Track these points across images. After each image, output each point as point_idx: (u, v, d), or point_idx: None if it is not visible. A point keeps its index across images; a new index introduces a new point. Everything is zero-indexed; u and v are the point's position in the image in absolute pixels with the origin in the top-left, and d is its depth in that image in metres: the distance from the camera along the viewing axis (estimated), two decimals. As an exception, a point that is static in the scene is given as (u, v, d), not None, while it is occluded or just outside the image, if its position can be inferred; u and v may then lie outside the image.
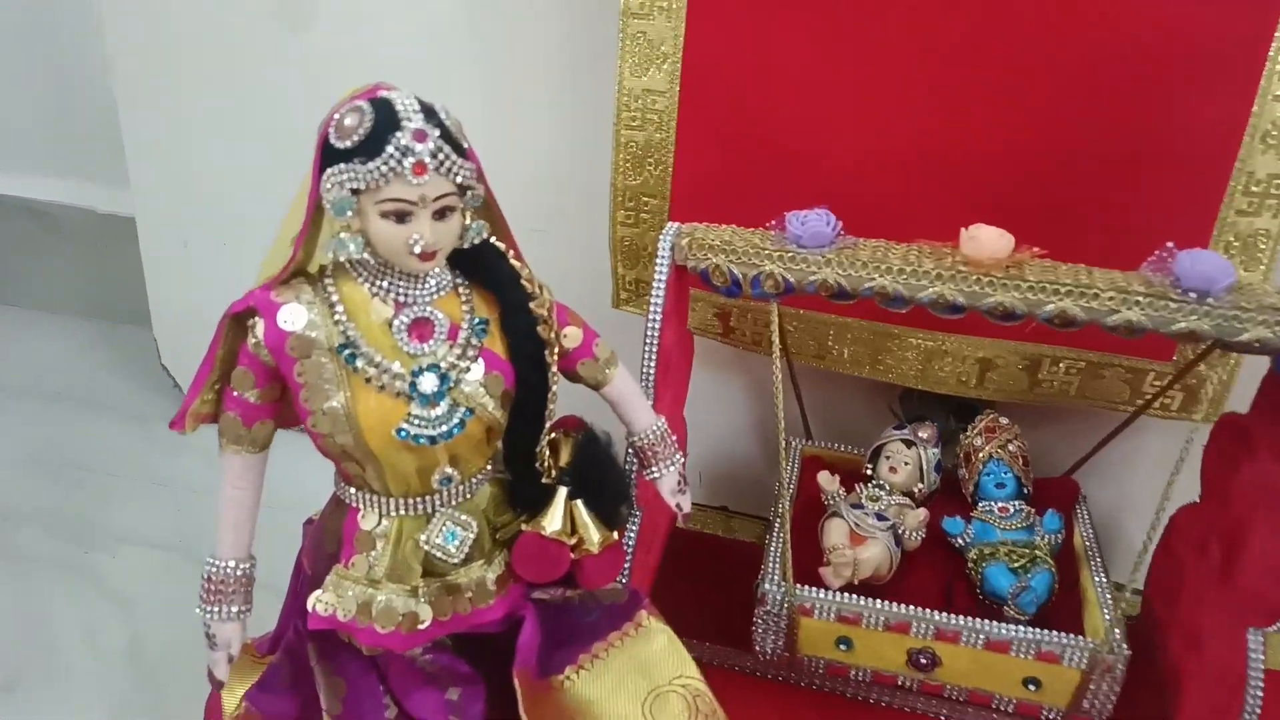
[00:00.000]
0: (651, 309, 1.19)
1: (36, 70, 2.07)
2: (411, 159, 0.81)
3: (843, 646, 1.22)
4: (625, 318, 1.45)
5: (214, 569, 0.94)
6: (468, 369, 0.90)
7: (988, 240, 1.09)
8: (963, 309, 1.10)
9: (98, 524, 1.69)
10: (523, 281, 0.94)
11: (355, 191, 0.83)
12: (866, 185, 1.25)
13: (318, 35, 1.60)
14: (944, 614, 1.18)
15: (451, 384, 0.89)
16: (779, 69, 1.24)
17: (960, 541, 1.31)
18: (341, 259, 0.85)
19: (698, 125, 1.30)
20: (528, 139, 1.53)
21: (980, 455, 1.36)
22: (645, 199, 1.37)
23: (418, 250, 0.84)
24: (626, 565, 1.15)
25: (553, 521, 0.98)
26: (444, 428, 0.89)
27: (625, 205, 1.38)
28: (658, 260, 1.18)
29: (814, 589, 1.22)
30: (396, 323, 0.89)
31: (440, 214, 0.85)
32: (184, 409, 0.92)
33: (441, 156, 0.83)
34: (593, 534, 0.99)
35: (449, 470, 0.92)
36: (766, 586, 1.23)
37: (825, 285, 1.12)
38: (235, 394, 0.90)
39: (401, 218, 0.84)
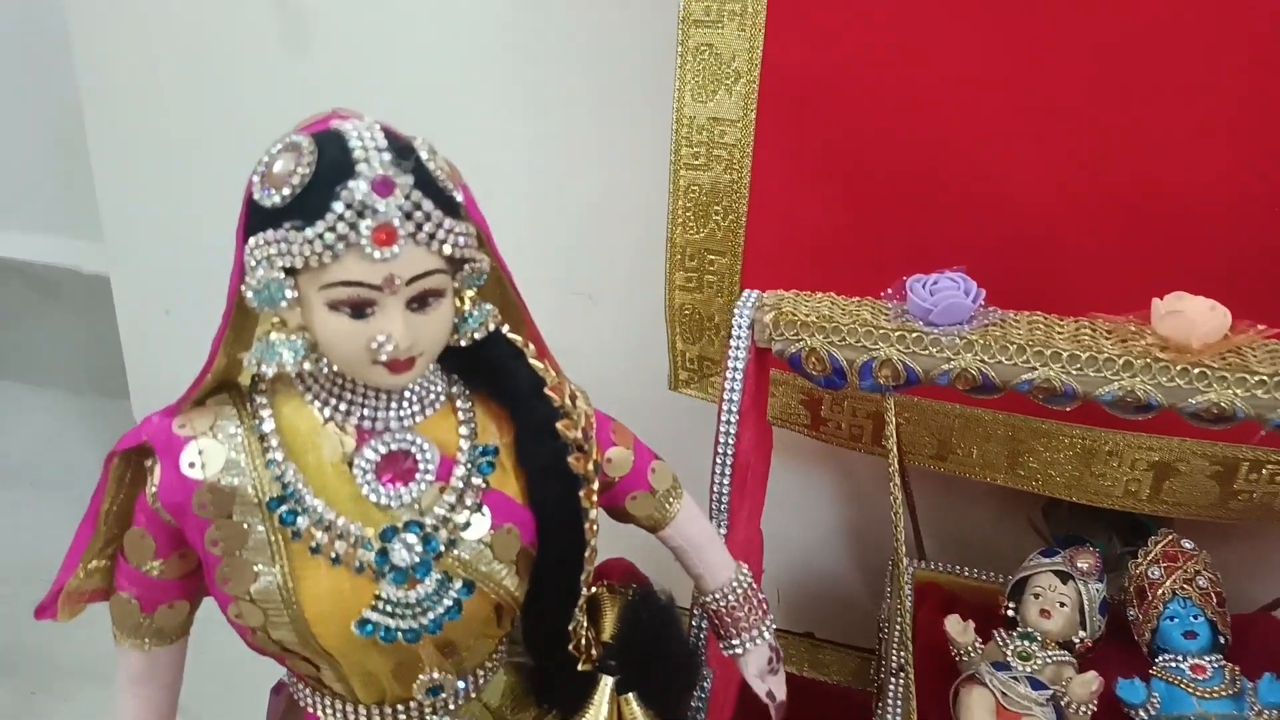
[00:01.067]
0: (725, 406, 0.89)
1: (8, 113, 1.87)
2: (370, 222, 0.53)
3: None
4: (685, 403, 1.20)
5: None
6: (466, 524, 0.61)
7: (1195, 315, 0.79)
8: (1156, 408, 0.78)
9: (53, 654, 1.43)
10: (546, 391, 0.65)
11: (290, 271, 0.55)
12: (1018, 239, 0.94)
13: (319, 64, 1.36)
14: None
15: (440, 549, 0.60)
16: (893, 83, 0.94)
17: (1142, 715, 0.98)
18: (269, 374, 0.56)
19: (779, 161, 1.02)
20: (567, 185, 1.31)
21: (1160, 592, 1.03)
22: (711, 257, 1.08)
23: (384, 358, 0.56)
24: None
25: (594, 728, 0.68)
26: (430, 616, 0.60)
27: (686, 265, 1.10)
28: (732, 342, 0.89)
29: (951, 788, 0.90)
30: (360, 461, 0.60)
31: (419, 302, 0.56)
32: (55, 588, 0.64)
33: (419, 218, 0.54)
34: (651, 745, 0.69)
35: (437, 676, 0.63)
36: (885, 783, 0.91)
37: (964, 377, 0.82)
38: (129, 566, 0.62)
39: (359, 310, 0.55)
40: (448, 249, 0.56)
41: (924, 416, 1.09)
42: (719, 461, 0.91)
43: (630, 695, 0.71)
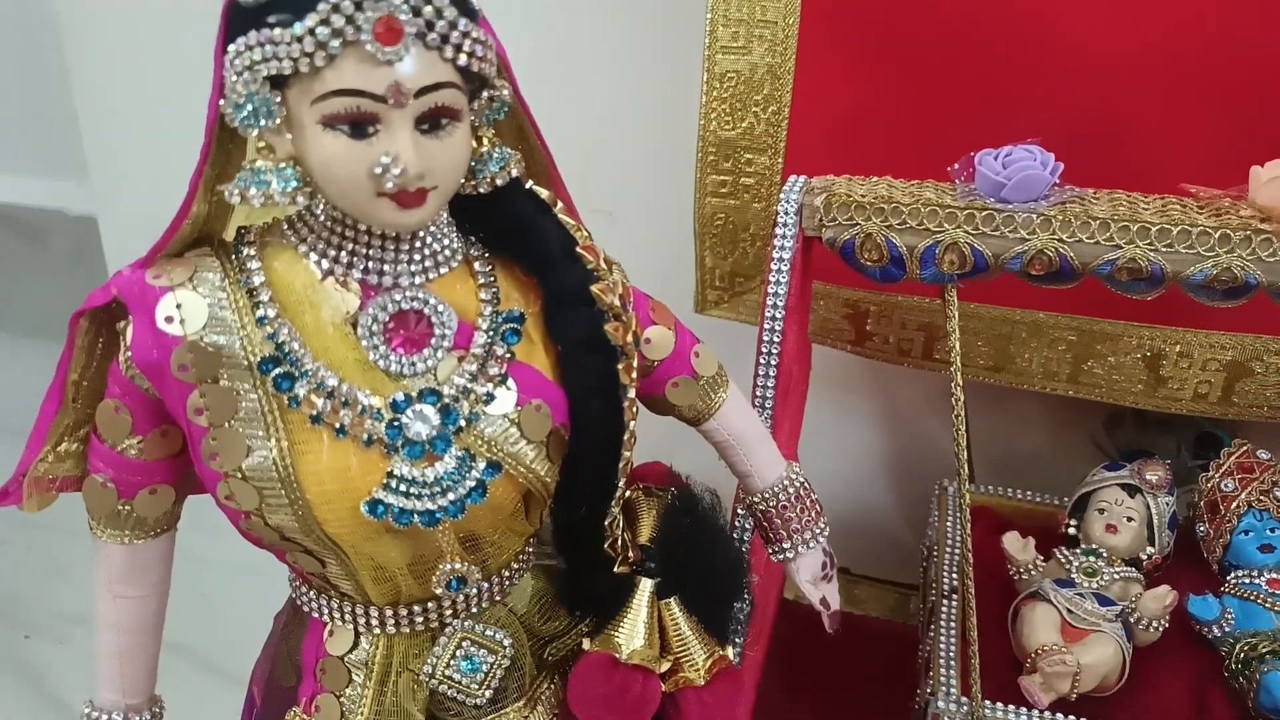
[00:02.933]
0: (769, 302, 0.82)
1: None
2: (371, 14, 0.46)
3: (1053, 789, 0.83)
4: (712, 326, 1.10)
5: None
6: (489, 397, 0.55)
7: (1299, 181, 0.71)
8: (1253, 289, 0.71)
9: (46, 599, 1.38)
10: (579, 250, 0.58)
11: (277, 83, 0.47)
12: (1096, 112, 0.87)
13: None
14: None
15: (461, 423, 0.54)
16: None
17: (1215, 632, 0.91)
18: (257, 204, 0.49)
19: (830, 39, 0.92)
20: (578, 85, 1.19)
21: (1234, 506, 0.96)
22: (748, 156, 1.00)
23: (390, 185, 0.48)
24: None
25: (632, 636, 0.62)
26: (450, 497, 0.54)
27: (719, 167, 1.01)
28: (777, 231, 0.82)
29: (1012, 707, 0.84)
30: (365, 321, 0.53)
31: (431, 123, 0.49)
32: (19, 470, 0.57)
33: (429, 14, 0.47)
34: (696, 654, 0.64)
35: (459, 566, 0.56)
36: (940, 705, 0.84)
37: (1039, 259, 0.75)
38: (104, 445, 0.55)
39: (360, 128, 0.48)
40: (463, 58, 0.49)
41: (980, 325, 1.02)
42: (762, 365, 0.84)
43: (672, 600, 0.64)
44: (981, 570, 0.95)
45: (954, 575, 0.97)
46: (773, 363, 0.84)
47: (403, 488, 0.53)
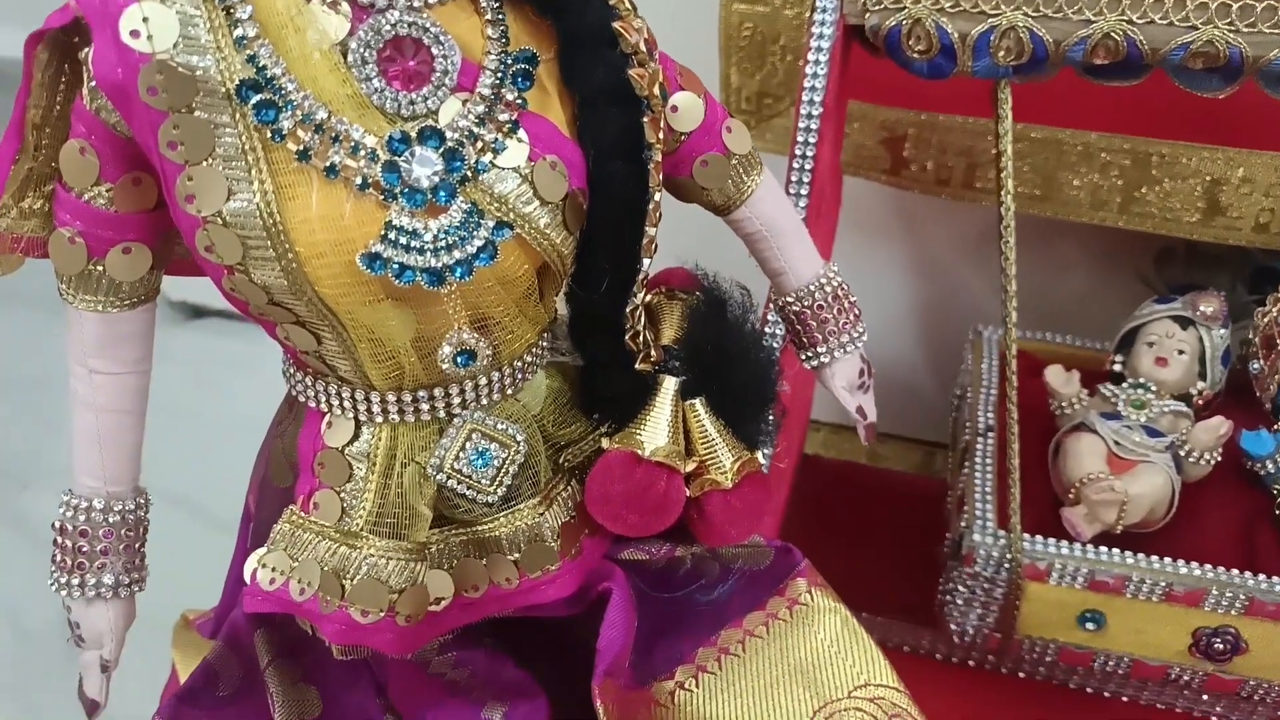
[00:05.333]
0: (805, 98, 0.75)
1: None
2: None
3: (1090, 625, 0.81)
4: None
5: (66, 511, 0.55)
6: (499, 145, 0.48)
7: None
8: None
9: (42, 454, 1.34)
10: (598, -17, 0.51)
11: None
12: None
13: None
14: (1261, 577, 0.75)
15: (467, 172, 0.48)
16: None
17: (1268, 468, 0.86)
18: None
19: None
20: None
21: (1291, 340, 0.89)
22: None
23: None
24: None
25: (656, 434, 0.57)
26: (456, 255, 0.48)
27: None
28: (815, 18, 0.75)
29: (1052, 541, 0.80)
30: (356, 47, 0.47)
31: None
32: None
33: None
34: (722, 456, 0.59)
35: (467, 336, 0.51)
36: (976, 538, 0.81)
37: (1104, 45, 0.69)
38: (70, 195, 0.49)
39: None
40: None
41: (1027, 148, 0.95)
42: (795, 172, 0.78)
43: (697, 401, 0.59)
44: (1019, 413, 0.91)
45: (989, 414, 0.93)
46: (806, 168, 0.78)
47: (403, 240, 0.47)
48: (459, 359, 0.52)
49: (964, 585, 0.83)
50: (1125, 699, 0.89)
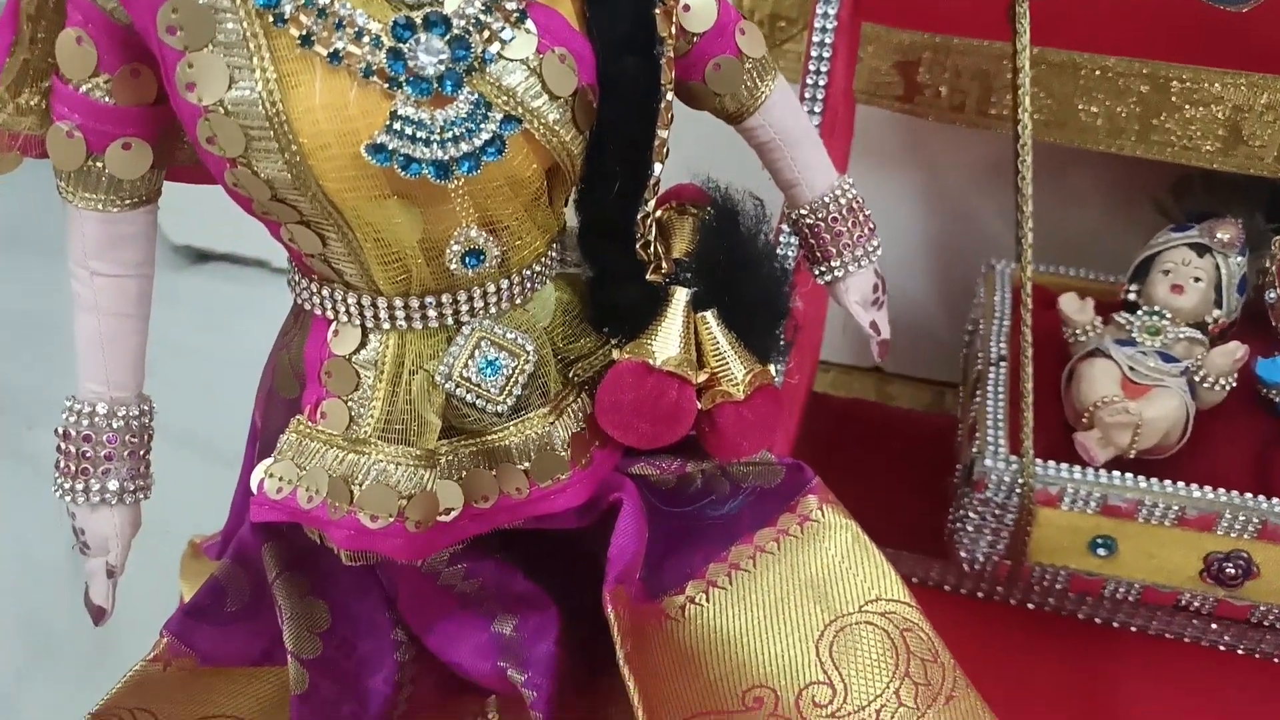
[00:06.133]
0: (819, 15, 0.73)
1: None
2: None
3: (1101, 551, 0.81)
4: None
5: (69, 416, 0.55)
6: (506, 35, 0.47)
7: None
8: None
9: (46, 392, 1.33)
10: None
11: None
12: None
13: None
14: (1275, 500, 0.75)
15: (473, 61, 0.46)
16: None
17: (1282, 395, 0.85)
18: None
19: None
20: None
21: (1307, 268, 0.88)
22: None
23: None
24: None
25: (667, 344, 0.56)
26: (464, 147, 0.47)
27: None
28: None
29: (1065, 465, 0.79)
30: None
31: None
32: None
33: None
34: (734, 368, 0.58)
35: (477, 235, 0.50)
36: (988, 463, 0.80)
37: None
38: (67, 86, 0.48)
39: None
40: None
41: (1042, 74, 0.92)
42: (809, 91, 0.76)
43: (708, 314, 0.58)
44: (1032, 344, 0.89)
45: (1002, 344, 0.92)
46: (819, 91, 0.76)
47: (409, 131, 0.46)
48: (467, 259, 0.51)
49: (974, 512, 0.83)
50: (1134, 629, 0.89)
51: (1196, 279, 0.87)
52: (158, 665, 0.59)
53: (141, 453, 0.57)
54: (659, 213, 0.60)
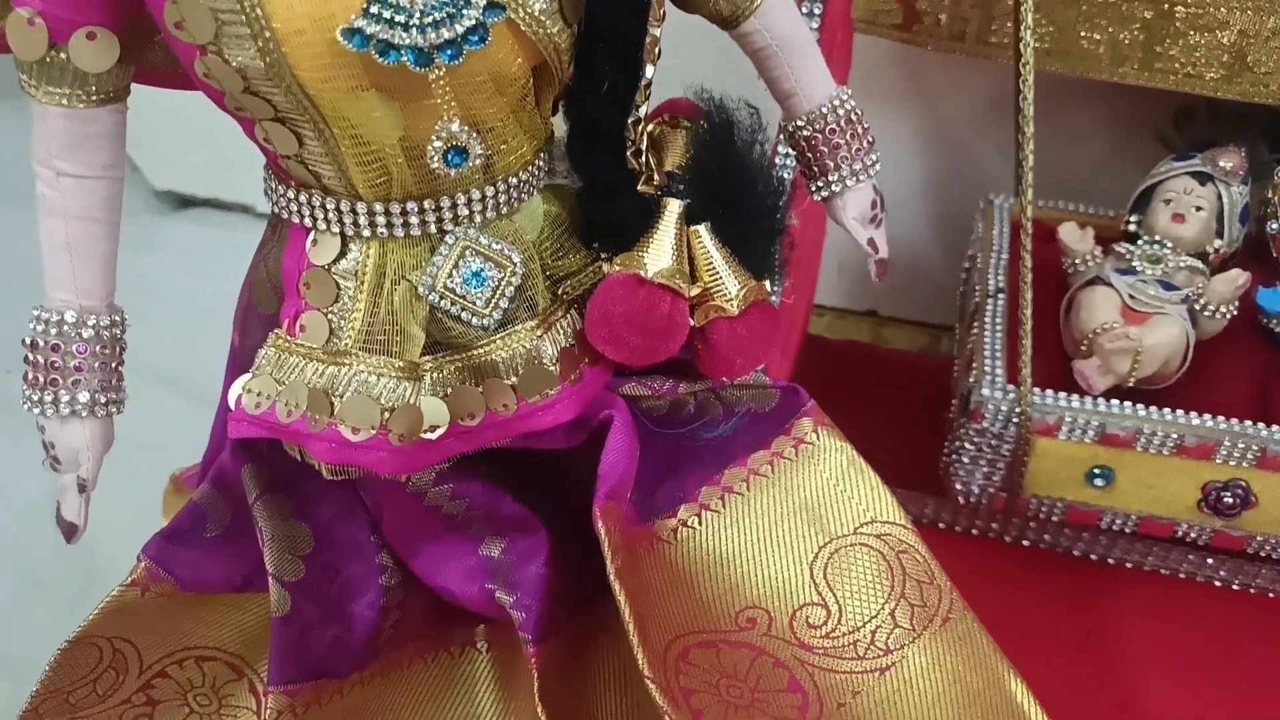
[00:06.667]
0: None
1: None
2: None
3: (1099, 481, 0.80)
4: None
5: (37, 325, 0.53)
6: (488, -81, 0.45)
7: None
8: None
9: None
10: None
11: None
12: None
13: None
14: (1274, 428, 0.76)
15: (453, -55, 0.44)
16: None
17: (1284, 325, 0.84)
18: None
19: None
20: None
21: (1311, 198, 0.86)
22: None
23: None
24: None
25: (659, 256, 0.54)
26: (445, 34, 0.45)
27: None
28: None
29: (1063, 394, 0.78)
30: None
31: None
32: None
33: None
34: (728, 283, 0.56)
35: (459, 131, 0.48)
36: (985, 392, 0.79)
37: None
38: None
39: None
40: None
41: (1045, 2, 0.90)
42: (805, 14, 0.74)
43: (701, 227, 0.56)
44: (1031, 277, 0.87)
45: (1000, 277, 0.90)
46: (816, 12, 0.74)
47: (386, 14, 0.44)
48: (450, 156, 0.49)
49: (970, 443, 0.81)
50: (1129, 565, 0.89)
51: (1198, 208, 0.86)
52: (135, 590, 0.58)
53: (113, 365, 0.55)
54: (651, 127, 0.58)
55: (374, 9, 0.43)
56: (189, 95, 0.52)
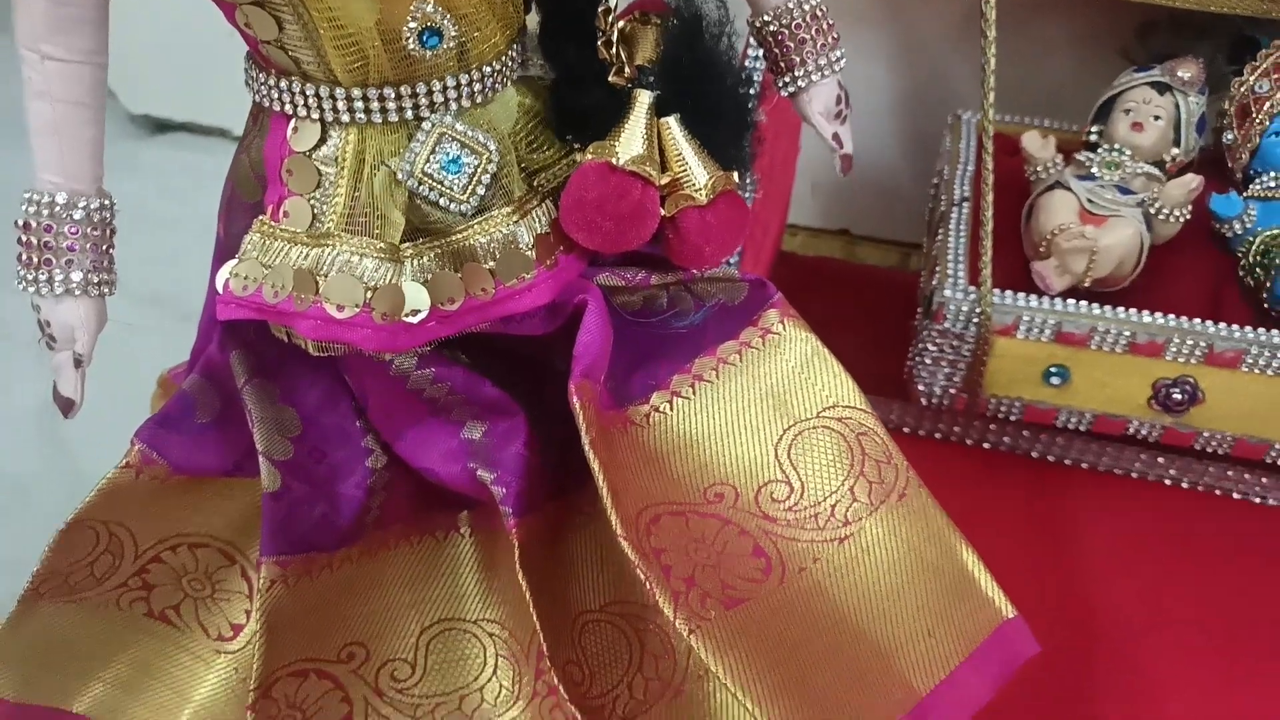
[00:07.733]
0: None
1: None
2: None
3: (1055, 380, 0.83)
4: None
5: (29, 208, 0.54)
6: None
7: None
8: None
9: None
10: None
11: None
12: None
13: None
14: (1221, 325, 0.77)
15: None
16: None
17: (1235, 229, 0.87)
18: None
19: None
20: None
21: (1265, 107, 0.90)
22: None
23: None
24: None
25: (630, 144, 0.57)
26: (418, -87, 0.46)
27: None
28: None
29: (1021, 295, 0.81)
30: None
31: None
32: None
33: None
34: (697, 173, 0.59)
35: (433, 12, 0.50)
36: (947, 293, 0.82)
37: None
38: None
39: None
40: None
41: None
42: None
43: (671, 119, 0.58)
44: (995, 189, 0.90)
45: (965, 187, 0.93)
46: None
47: (362, -108, 0.45)
48: (425, 36, 0.51)
49: (933, 344, 0.85)
50: (1085, 465, 0.92)
51: (1156, 117, 0.88)
52: (129, 473, 0.60)
53: (104, 247, 0.56)
54: (621, 23, 0.60)
55: None
56: (166, 19, 0.53)
